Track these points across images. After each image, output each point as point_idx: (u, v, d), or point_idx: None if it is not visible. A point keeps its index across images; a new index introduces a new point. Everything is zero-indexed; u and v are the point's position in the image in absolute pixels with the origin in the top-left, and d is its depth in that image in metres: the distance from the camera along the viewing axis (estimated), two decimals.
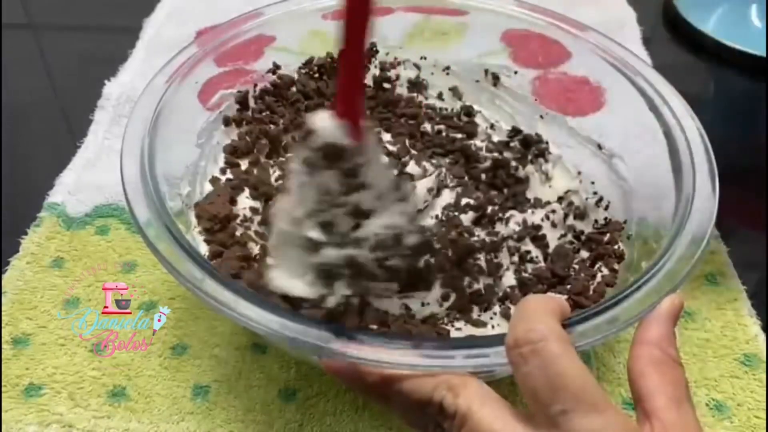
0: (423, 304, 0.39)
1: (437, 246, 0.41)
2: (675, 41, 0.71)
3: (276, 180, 0.46)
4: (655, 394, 0.25)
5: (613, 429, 0.24)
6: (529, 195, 0.47)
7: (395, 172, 0.46)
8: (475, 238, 0.43)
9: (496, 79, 0.52)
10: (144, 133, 0.38)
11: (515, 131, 0.50)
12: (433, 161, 0.48)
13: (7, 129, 0.59)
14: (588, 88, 0.48)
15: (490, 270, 0.41)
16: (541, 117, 0.50)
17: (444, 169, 0.47)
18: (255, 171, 0.46)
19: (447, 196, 0.45)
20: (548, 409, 0.24)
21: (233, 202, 0.43)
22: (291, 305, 0.35)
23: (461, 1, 0.51)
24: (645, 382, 0.25)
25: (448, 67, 0.53)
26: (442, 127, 0.51)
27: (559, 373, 0.24)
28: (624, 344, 0.43)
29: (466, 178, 0.47)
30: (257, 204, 0.44)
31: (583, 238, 0.44)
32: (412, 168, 0.46)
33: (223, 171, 0.46)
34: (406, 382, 0.28)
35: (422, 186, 0.44)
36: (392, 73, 0.53)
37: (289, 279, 0.35)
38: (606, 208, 0.45)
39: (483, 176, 0.48)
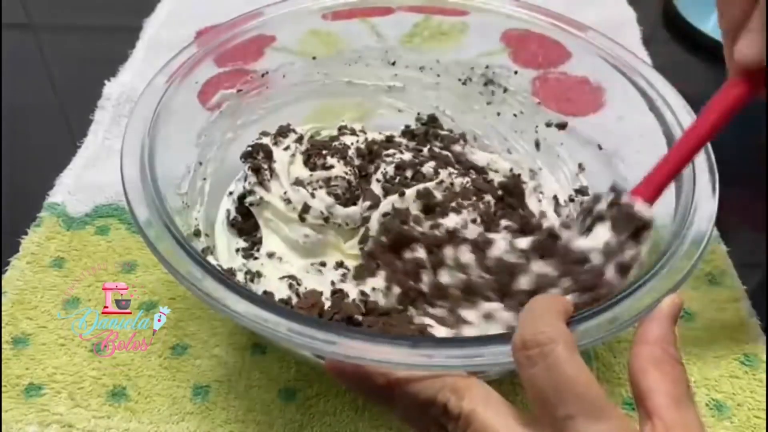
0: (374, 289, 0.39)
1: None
2: (675, 41, 0.71)
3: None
4: (656, 392, 0.25)
5: None
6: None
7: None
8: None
9: (493, 83, 0.52)
10: (144, 133, 0.38)
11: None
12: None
13: (7, 129, 0.59)
14: (588, 88, 0.48)
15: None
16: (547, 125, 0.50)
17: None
18: None
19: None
20: (554, 413, 0.24)
21: None
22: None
23: (461, 1, 0.51)
24: (645, 381, 0.25)
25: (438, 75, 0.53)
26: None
27: (566, 377, 0.24)
28: (624, 344, 0.43)
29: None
30: None
31: None
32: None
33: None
34: (410, 385, 0.28)
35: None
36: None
37: None
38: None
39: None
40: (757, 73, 0.32)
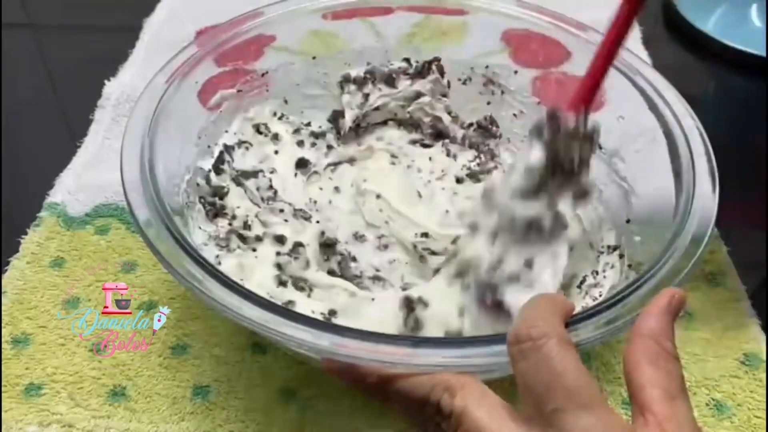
0: None
1: None
2: (675, 41, 0.71)
3: None
4: (649, 387, 0.25)
5: (603, 428, 0.23)
6: None
7: None
8: None
9: (493, 83, 0.52)
10: (144, 133, 0.38)
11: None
12: None
13: (7, 129, 0.59)
14: None
15: None
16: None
17: None
18: None
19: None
20: (543, 407, 0.24)
21: None
22: None
23: (461, 1, 0.51)
24: (639, 376, 0.25)
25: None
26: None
27: (555, 371, 0.24)
28: (624, 344, 0.43)
29: None
30: None
31: None
32: None
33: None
34: (404, 382, 0.28)
35: None
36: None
37: None
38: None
39: None
40: None
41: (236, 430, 0.39)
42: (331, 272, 0.43)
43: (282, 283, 0.41)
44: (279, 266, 0.42)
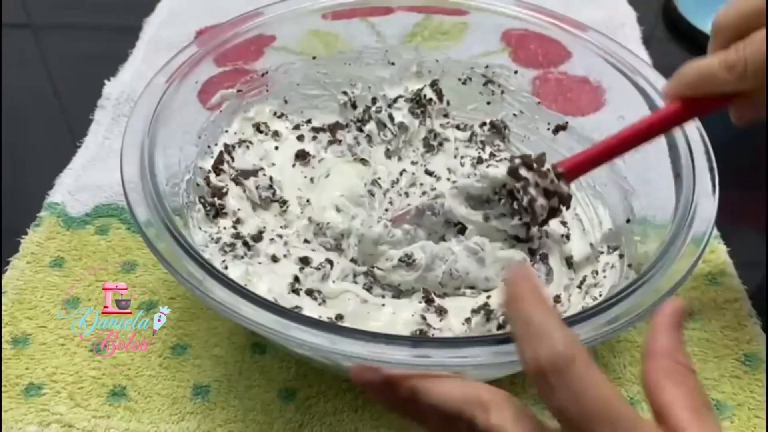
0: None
1: None
2: (675, 41, 0.71)
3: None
4: (675, 407, 0.24)
5: None
6: None
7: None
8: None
9: (493, 83, 0.52)
10: (144, 133, 0.38)
11: None
12: None
13: (7, 129, 0.59)
14: (588, 88, 0.48)
15: None
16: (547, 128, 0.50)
17: None
18: None
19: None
20: None
21: None
22: None
23: (461, 1, 0.51)
24: (663, 396, 0.25)
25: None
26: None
27: (590, 399, 0.23)
28: (624, 344, 0.43)
29: None
30: None
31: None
32: None
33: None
34: (436, 396, 0.27)
35: None
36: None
37: None
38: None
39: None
40: (691, 101, 0.37)
41: (236, 430, 0.39)
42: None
43: (294, 291, 0.41)
44: (296, 278, 0.41)
